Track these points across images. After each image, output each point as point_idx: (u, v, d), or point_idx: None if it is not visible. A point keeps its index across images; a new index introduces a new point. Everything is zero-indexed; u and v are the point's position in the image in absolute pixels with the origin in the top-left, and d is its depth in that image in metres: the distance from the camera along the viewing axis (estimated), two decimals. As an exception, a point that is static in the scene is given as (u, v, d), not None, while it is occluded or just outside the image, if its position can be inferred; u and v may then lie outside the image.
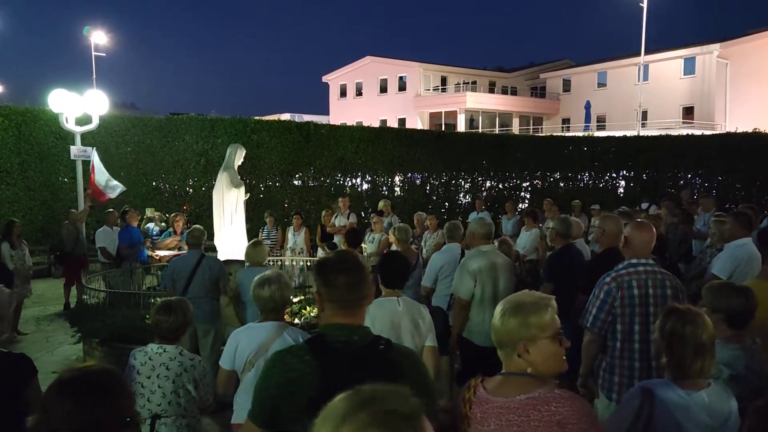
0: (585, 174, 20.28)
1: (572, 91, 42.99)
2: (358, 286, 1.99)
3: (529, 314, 1.95)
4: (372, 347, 1.94)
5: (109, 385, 1.71)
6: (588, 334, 3.53)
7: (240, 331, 3.32)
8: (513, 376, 1.96)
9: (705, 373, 2.34)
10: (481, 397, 1.97)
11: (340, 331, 1.95)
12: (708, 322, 2.39)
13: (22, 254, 8.56)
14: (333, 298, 1.98)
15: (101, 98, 11.03)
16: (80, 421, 1.61)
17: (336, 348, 1.91)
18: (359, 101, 46.17)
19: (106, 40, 38.40)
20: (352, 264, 2.01)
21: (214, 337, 5.64)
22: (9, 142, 13.08)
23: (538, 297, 2.01)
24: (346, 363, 1.86)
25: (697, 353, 2.31)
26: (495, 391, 1.96)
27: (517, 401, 1.88)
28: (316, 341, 1.96)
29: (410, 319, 3.44)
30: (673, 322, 2.39)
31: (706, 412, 2.24)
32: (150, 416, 3.23)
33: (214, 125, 15.42)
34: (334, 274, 1.98)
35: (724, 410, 2.28)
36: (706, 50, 35.76)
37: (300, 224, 10.56)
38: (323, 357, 1.89)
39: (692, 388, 2.29)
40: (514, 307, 1.99)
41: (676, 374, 2.35)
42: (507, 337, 1.98)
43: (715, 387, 2.33)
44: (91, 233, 10.83)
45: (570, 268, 5.07)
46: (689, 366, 2.31)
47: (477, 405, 1.96)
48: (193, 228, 6.02)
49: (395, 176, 18.16)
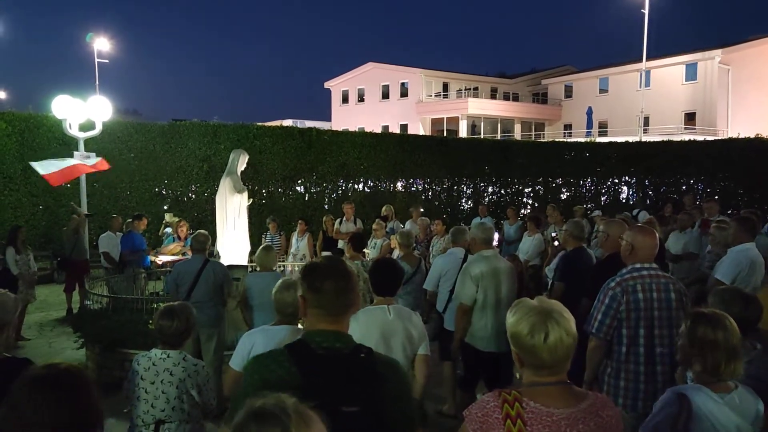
0: (587, 180, 20.29)
1: (574, 97, 43.04)
2: (346, 293, 1.96)
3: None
4: (353, 355, 1.91)
5: (79, 385, 1.71)
6: (593, 340, 3.52)
7: (255, 333, 3.30)
8: (556, 386, 1.88)
9: (737, 374, 2.35)
10: (539, 410, 1.82)
11: (322, 338, 1.92)
12: (734, 325, 2.39)
13: (27, 259, 8.58)
14: (319, 304, 1.95)
15: (105, 104, 11.05)
16: (51, 418, 1.61)
17: (318, 355, 1.87)
18: (361, 107, 46.26)
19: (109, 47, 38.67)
20: (341, 271, 1.99)
21: (216, 341, 5.64)
22: (12, 148, 13.12)
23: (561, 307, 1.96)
24: (327, 370, 1.83)
25: (729, 357, 2.32)
26: (550, 402, 1.84)
27: (581, 410, 1.84)
28: (298, 347, 1.92)
29: (402, 327, 3.36)
30: (703, 328, 2.38)
31: (739, 413, 2.27)
32: (154, 421, 3.23)
33: (217, 131, 15.46)
34: (321, 279, 1.95)
35: (752, 411, 2.31)
36: (708, 56, 35.80)
37: (304, 230, 10.56)
38: (304, 364, 1.85)
39: (723, 390, 2.31)
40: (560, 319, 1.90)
41: (708, 379, 2.35)
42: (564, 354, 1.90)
43: (742, 389, 2.35)
44: (94, 239, 10.84)
45: (581, 271, 5.08)
46: (723, 370, 2.32)
47: (536, 420, 1.81)
48: (197, 233, 6.03)
49: (397, 182, 18.18)
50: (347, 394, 1.79)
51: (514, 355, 1.95)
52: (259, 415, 1.17)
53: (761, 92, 34.42)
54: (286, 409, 1.18)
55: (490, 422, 1.83)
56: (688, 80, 36.90)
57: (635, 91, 35.46)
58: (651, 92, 35.15)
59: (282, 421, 1.16)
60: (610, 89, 40.63)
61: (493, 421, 1.83)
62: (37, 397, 1.63)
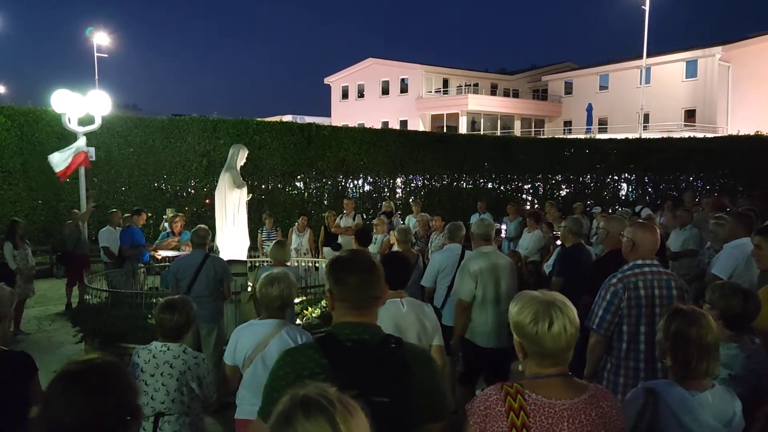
0: (587, 176, 20.30)
1: (574, 94, 42.98)
2: (370, 285, 1.98)
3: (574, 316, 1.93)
4: (383, 346, 1.93)
5: (114, 379, 1.70)
6: (594, 336, 3.52)
7: (241, 328, 3.37)
8: (557, 378, 1.90)
9: (710, 374, 2.34)
10: (541, 402, 1.85)
11: (350, 330, 1.94)
12: (712, 323, 2.38)
13: (25, 254, 8.56)
14: (344, 297, 1.98)
15: (104, 99, 11.03)
16: (85, 414, 1.60)
17: (347, 347, 1.90)
18: (361, 103, 46.21)
19: (109, 42, 38.49)
20: (365, 263, 2.00)
21: (216, 336, 5.66)
22: (12, 143, 13.09)
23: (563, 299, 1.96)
24: (357, 362, 1.85)
25: (701, 354, 2.30)
26: (552, 394, 1.86)
27: (582, 401, 1.86)
28: (327, 340, 1.95)
29: (416, 319, 3.40)
30: (677, 323, 2.38)
31: (711, 412, 2.24)
32: (153, 414, 3.23)
33: (217, 126, 15.44)
34: (345, 272, 1.97)
35: (729, 411, 2.28)
36: (708, 53, 35.75)
37: (305, 225, 10.55)
38: (334, 356, 1.88)
39: (696, 388, 2.29)
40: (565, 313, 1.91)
41: (681, 375, 2.34)
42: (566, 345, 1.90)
43: (719, 388, 2.33)
44: (94, 233, 10.84)
45: (580, 266, 5.08)
46: (694, 367, 2.30)
47: (538, 412, 1.83)
48: (198, 227, 6.02)
49: (397, 178, 18.17)
50: (377, 384, 1.81)
51: (517, 346, 1.95)
52: (305, 404, 1.19)
53: (761, 90, 34.39)
54: (330, 398, 1.20)
55: (493, 415, 1.84)
56: (689, 77, 36.84)
57: (635, 88, 35.42)
58: (651, 89, 35.11)
59: (327, 409, 1.18)
60: (610, 86, 40.57)
61: (495, 413, 1.84)
62: (69, 393, 1.62)
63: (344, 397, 1.23)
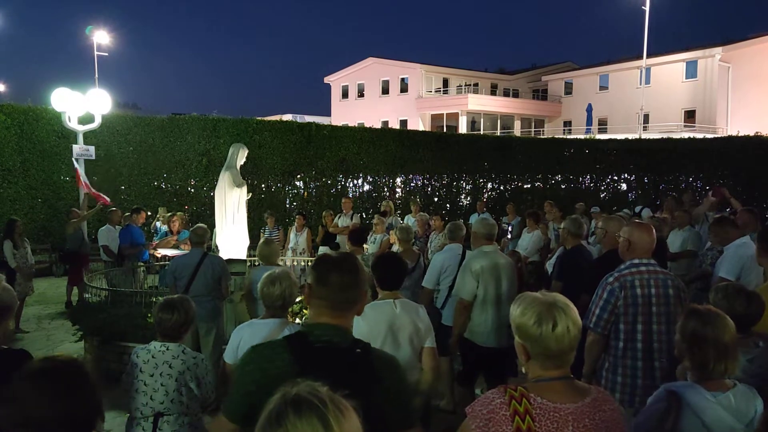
0: (586, 176, 20.29)
1: (574, 94, 42.99)
2: (351, 288, 1.96)
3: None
4: (350, 350, 1.91)
5: (78, 377, 1.70)
6: (591, 334, 3.53)
7: (243, 327, 3.36)
8: (561, 381, 1.89)
9: (729, 373, 2.32)
10: (546, 406, 1.82)
11: (322, 331, 1.92)
12: (730, 322, 2.36)
13: (25, 252, 8.57)
14: (323, 296, 1.96)
15: (104, 97, 11.03)
16: (50, 411, 1.60)
17: (316, 348, 1.88)
18: (361, 102, 46.21)
19: (109, 40, 38.46)
20: (349, 266, 1.99)
21: (215, 335, 5.65)
22: (11, 141, 13.09)
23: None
24: (324, 364, 1.82)
25: (719, 355, 2.29)
26: (556, 398, 1.85)
27: (586, 405, 1.85)
28: (297, 339, 1.92)
29: (409, 320, 3.38)
30: (693, 323, 2.37)
31: (733, 413, 2.23)
32: (153, 414, 3.23)
33: (216, 125, 15.43)
34: (329, 272, 1.96)
35: (750, 411, 2.27)
36: (708, 54, 35.75)
37: (303, 224, 10.55)
38: (301, 356, 1.85)
39: (718, 389, 2.28)
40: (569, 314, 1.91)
41: (700, 376, 2.32)
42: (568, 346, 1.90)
43: (740, 387, 2.31)
44: (93, 232, 10.84)
45: (580, 268, 5.08)
46: (713, 368, 2.30)
47: (544, 416, 1.81)
48: (196, 226, 6.02)
49: (396, 177, 18.17)
50: (344, 388, 1.79)
51: (520, 348, 1.93)
52: (296, 402, 1.18)
53: (761, 90, 34.41)
54: (322, 397, 1.19)
55: (497, 419, 1.81)
56: (689, 78, 36.85)
57: (635, 88, 35.45)
58: (651, 89, 35.13)
59: (318, 408, 1.17)
60: (610, 86, 40.57)
61: (500, 418, 1.81)
62: (37, 391, 1.62)
63: (336, 396, 1.22)
